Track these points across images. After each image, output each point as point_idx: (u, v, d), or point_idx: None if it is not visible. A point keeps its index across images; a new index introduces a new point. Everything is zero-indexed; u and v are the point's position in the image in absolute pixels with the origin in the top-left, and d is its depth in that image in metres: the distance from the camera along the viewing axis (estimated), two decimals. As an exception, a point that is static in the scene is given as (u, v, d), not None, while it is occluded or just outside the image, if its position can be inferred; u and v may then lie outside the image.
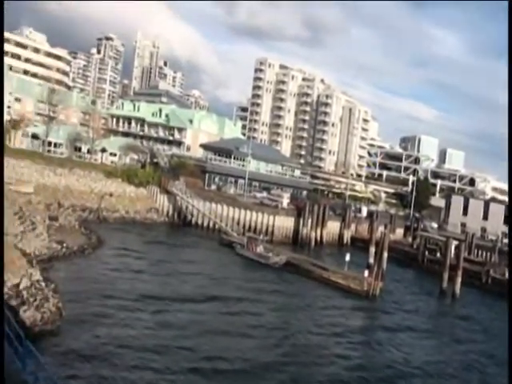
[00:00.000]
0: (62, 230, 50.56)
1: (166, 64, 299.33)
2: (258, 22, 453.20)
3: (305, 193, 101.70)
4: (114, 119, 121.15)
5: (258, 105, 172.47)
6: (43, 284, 29.20)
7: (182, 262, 49.43)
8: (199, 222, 70.55)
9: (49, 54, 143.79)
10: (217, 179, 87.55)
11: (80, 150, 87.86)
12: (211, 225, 69.49)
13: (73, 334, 25.89)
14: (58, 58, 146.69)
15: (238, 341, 30.00)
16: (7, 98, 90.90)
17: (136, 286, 37.61)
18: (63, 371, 21.46)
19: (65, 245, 43.45)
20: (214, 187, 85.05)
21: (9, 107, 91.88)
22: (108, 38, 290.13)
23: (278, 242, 66.34)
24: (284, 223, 71.72)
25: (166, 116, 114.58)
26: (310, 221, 71.54)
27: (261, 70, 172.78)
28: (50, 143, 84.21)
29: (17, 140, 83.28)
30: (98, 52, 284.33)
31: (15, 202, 50.76)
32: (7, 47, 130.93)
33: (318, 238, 72.75)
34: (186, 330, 30.26)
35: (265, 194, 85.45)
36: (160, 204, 72.84)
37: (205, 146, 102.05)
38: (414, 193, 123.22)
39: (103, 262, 43.01)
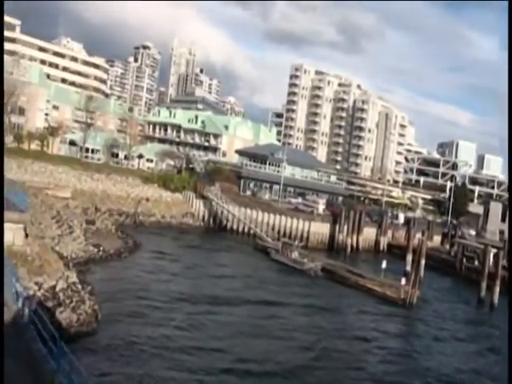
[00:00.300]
0: (98, 233, 51.17)
1: (202, 71, 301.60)
2: (293, 27, 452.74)
3: (340, 199, 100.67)
4: (151, 126, 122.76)
5: (294, 111, 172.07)
6: (79, 286, 29.49)
7: (217, 266, 49.55)
8: (234, 227, 70.48)
9: (86, 63, 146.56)
10: (252, 185, 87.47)
11: (117, 156, 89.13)
12: (246, 230, 69.32)
13: (108, 335, 26.24)
14: (96, 66, 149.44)
15: (270, 343, 30.03)
16: (45, 106, 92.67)
17: (171, 288, 37.96)
18: (97, 371, 21.75)
19: (101, 248, 43.95)
20: (249, 193, 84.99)
21: (47, 114, 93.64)
22: (145, 47, 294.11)
23: (313, 248, 65.79)
24: (319, 229, 71.11)
25: (202, 122, 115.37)
26: (345, 227, 70.75)
27: (296, 76, 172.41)
28: (87, 149, 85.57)
29: (55, 147, 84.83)
30: (135, 60, 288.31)
31: (53, 207, 51.70)
32: (45, 56, 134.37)
33: (354, 245, 71.82)
34: (219, 331, 30.47)
35: (300, 199, 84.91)
36: (196, 209, 73.12)
37: (240, 152, 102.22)
38: (452, 199, 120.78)
39: (139, 265, 43.41)
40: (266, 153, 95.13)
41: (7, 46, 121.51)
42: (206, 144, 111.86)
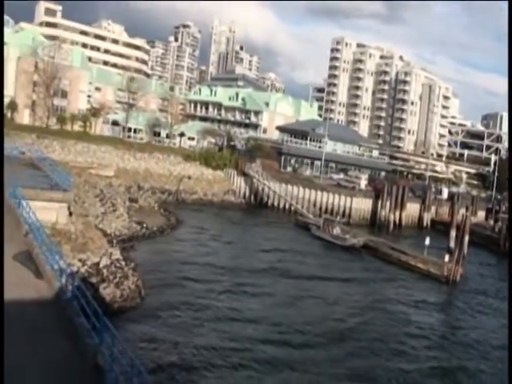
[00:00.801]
0: (141, 211, 52.05)
1: (242, 48, 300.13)
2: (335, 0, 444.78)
3: (383, 174, 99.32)
4: (192, 104, 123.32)
5: (335, 85, 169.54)
6: (123, 263, 30.08)
7: (258, 241, 49.78)
8: (275, 203, 70.49)
9: (127, 45, 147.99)
10: (293, 161, 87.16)
11: (159, 135, 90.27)
12: (287, 207, 69.29)
13: (151, 309, 26.93)
14: (137, 47, 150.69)
15: (308, 315, 30.30)
16: (87, 88, 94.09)
17: (212, 262, 38.70)
18: (140, 342, 22.65)
19: (144, 225, 44.72)
20: (290, 169, 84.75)
21: (89, 96, 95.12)
22: (185, 26, 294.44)
23: (355, 224, 65.24)
24: (361, 205, 70.38)
25: (243, 99, 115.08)
26: (388, 203, 69.75)
27: (337, 50, 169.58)
28: (129, 129, 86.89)
29: (97, 127, 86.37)
30: (176, 40, 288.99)
31: (96, 185, 52.77)
32: (87, 40, 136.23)
33: (397, 221, 70.68)
34: (258, 303, 31.17)
35: (342, 175, 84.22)
36: (237, 186, 73.37)
37: (281, 128, 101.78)
38: (497, 173, 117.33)
39: (181, 241, 44.22)
40: (307, 128, 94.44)
41: (49, 31, 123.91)
42: (247, 121, 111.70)
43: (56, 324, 15.01)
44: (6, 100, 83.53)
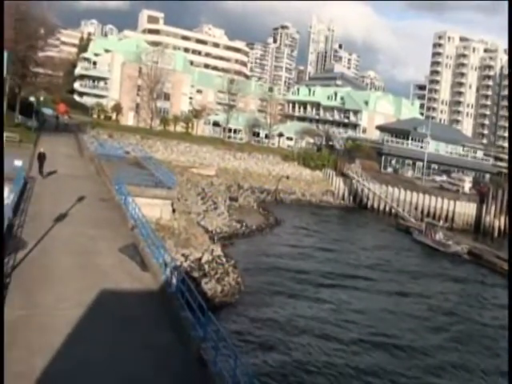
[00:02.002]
0: (241, 209, 52.76)
1: (340, 47, 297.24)
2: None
3: (488, 176, 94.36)
4: (290, 104, 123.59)
5: (437, 82, 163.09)
6: (224, 259, 30.58)
7: (357, 244, 48.96)
8: (375, 205, 68.90)
9: (228, 48, 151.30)
10: (393, 162, 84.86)
11: (258, 135, 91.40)
12: (387, 209, 67.50)
13: (250, 306, 27.08)
14: (237, 50, 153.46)
15: (404, 321, 29.48)
16: (189, 90, 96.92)
17: (310, 262, 38.43)
18: (241, 338, 22.80)
19: (244, 224, 45.33)
20: (390, 170, 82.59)
21: (191, 98, 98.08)
22: (283, 27, 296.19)
23: (459, 229, 62.51)
24: (465, 209, 67.19)
25: (341, 99, 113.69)
26: (493, 208, 65.93)
27: (440, 45, 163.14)
28: (230, 130, 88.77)
29: (199, 128, 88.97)
30: (274, 41, 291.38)
31: (198, 184, 54.14)
32: (189, 44, 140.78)
33: (502, 227, 65.93)
34: (355, 305, 30.57)
35: (445, 177, 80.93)
36: (335, 187, 72.57)
37: (381, 128, 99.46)
38: None
39: (280, 240, 44.42)
40: (408, 128, 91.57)
41: (152, 37, 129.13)
42: (346, 121, 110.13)
43: (161, 315, 15.36)
44: (111, 103, 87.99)
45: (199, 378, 12.12)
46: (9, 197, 23.92)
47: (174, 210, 33.16)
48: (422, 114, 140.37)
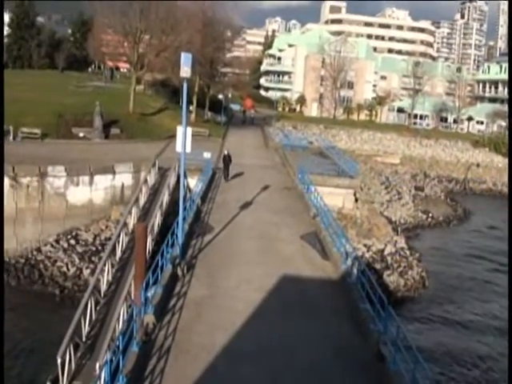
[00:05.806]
0: (427, 200, 50.29)
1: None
2: None
3: None
4: (480, 84, 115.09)
5: None
6: (407, 252, 29.44)
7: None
8: None
9: (412, 29, 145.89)
10: None
11: (446, 120, 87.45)
12: None
13: (435, 304, 25.61)
14: (422, 30, 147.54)
15: None
16: (373, 77, 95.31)
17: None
18: (422, 340, 21.06)
19: (430, 215, 43.15)
20: None
21: (374, 85, 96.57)
22: (471, 0, 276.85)
23: None
24: None
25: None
26: None
27: None
28: (415, 116, 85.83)
29: (383, 115, 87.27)
30: (462, 17, 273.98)
31: (381, 173, 53.04)
32: (371, 30, 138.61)
33: None
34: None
35: None
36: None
37: None
38: None
39: (469, 235, 41.17)
40: None
41: (334, 27, 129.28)
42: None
43: (340, 305, 15.28)
44: (295, 96, 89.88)
45: (377, 374, 11.76)
46: (197, 185, 26.04)
47: (356, 200, 32.80)
48: None
